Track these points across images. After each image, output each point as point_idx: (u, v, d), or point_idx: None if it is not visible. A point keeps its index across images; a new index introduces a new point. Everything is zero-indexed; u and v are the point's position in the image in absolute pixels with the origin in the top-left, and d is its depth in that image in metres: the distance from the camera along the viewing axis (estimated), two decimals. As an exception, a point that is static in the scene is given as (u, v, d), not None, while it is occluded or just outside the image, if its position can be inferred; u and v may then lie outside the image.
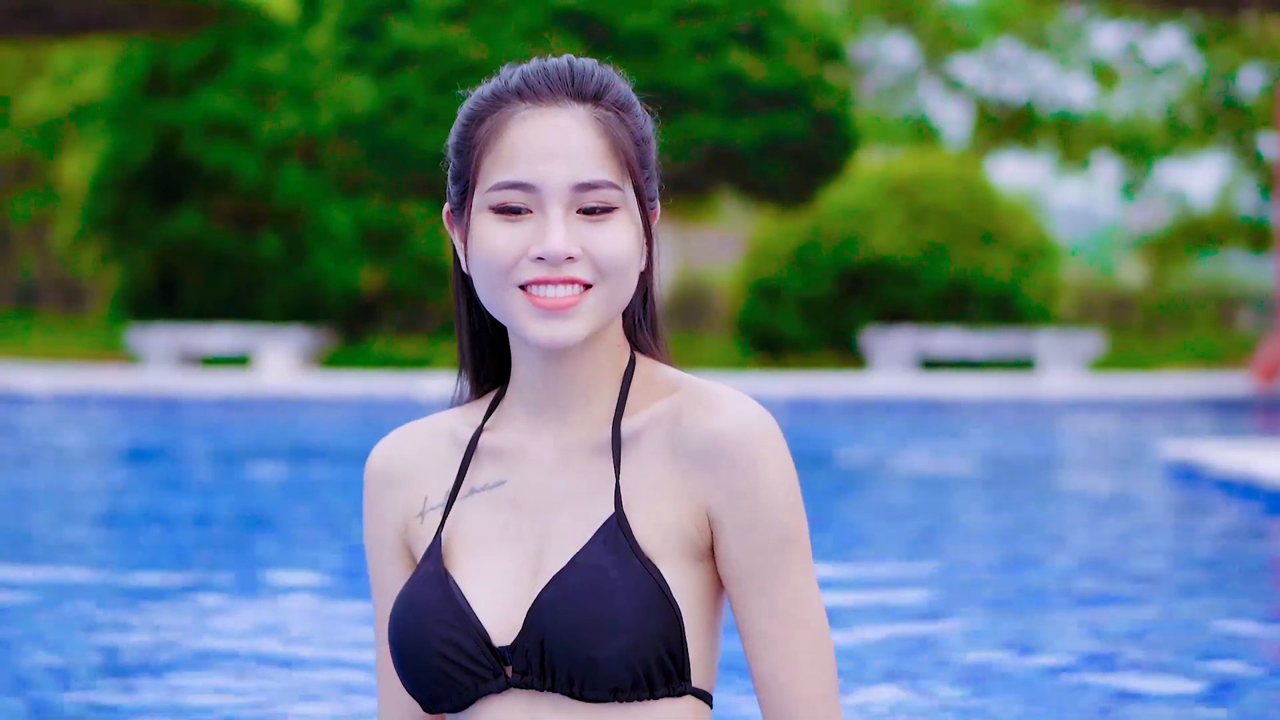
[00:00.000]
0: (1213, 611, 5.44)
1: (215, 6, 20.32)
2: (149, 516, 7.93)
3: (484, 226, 2.19)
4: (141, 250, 23.70)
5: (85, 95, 29.08)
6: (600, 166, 2.18)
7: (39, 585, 5.76)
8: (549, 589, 2.17)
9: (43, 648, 4.61)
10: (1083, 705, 3.98)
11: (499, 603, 2.21)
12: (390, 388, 15.83)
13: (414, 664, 2.22)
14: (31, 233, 35.13)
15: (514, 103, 2.20)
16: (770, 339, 22.52)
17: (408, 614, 2.23)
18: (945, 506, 8.85)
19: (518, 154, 2.18)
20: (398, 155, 18.79)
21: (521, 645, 2.18)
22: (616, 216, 2.19)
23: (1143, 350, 23.96)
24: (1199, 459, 9.23)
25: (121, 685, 4.09)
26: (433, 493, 2.32)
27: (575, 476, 2.25)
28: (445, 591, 2.22)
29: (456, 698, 2.22)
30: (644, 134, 2.26)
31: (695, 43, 18.30)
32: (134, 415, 14.78)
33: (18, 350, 21.96)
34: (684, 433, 2.22)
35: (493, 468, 2.29)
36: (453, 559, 2.25)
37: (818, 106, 18.91)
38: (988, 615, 5.35)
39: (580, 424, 2.27)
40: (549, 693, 2.19)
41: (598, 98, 2.22)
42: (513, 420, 2.31)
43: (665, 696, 2.19)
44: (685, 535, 2.21)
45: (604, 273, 2.18)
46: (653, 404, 2.27)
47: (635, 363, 2.31)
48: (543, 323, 2.17)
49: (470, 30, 18.38)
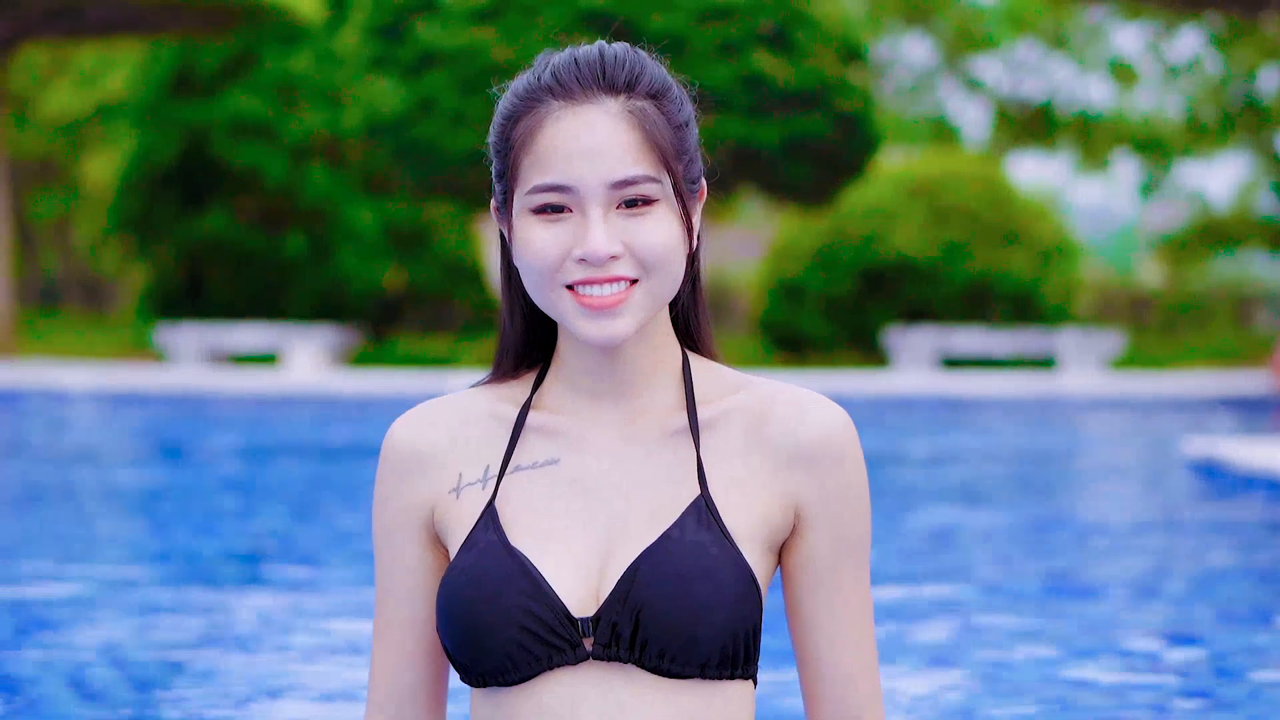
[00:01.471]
0: (1247, 602, 5.54)
1: (243, 8, 20.48)
2: (195, 512, 8.09)
3: (526, 229, 2.20)
4: (168, 249, 23.84)
5: (109, 95, 29.24)
6: (636, 161, 2.17)
7: (93, 579, 5.89)
8: (644, 561, 2.18)
9: (93, 640, 4.71)
10: (1109, 696, 4.00)
11: (572, 575, 2.20)
12: (421, 385, 15.97)
13: (484, 635, 2.19)
14: (54, 232, 35.29)
15: (547, 101, 2.20)
16: (792, 338, 22.63)
17: (477, 585, 2.20)
18: (973, 500, 8.95)
19: (553, 155, 2.17)
20: (425, 156, 18.94)
21: (609, 617, 2.18)
22: (656, 209, 2.19)
23: (1161, 350, 24.04)
24: (1220, 455, 9.36)
25: (158, 680, 4.13)
26: (469, 469, 2.29)
27: (648, 459, 2.26)
28: (518, 563, 2.20)
29: (526, 669, 2.20)
30: (680, 119, 2.24)
31: (720, 44, 18.44)
32: (170, 412, 14.91)
33: (46, 348, 22.12)
34: (777, 431, 2.26)
35: (543, 446, 2.29)
36: (509, 533, 2.23)
37: (840, 107, 19.04)
38: (1014, 609, 5.38)
39: (645, 410, 2.29)
40: (625, 666, 2.19)
41: (630, 87, 2.20)
42: (563, 401, 2.30)
43: (737, 678, 2.22)
44: (770, 526, 2.24)
45: (648, 267, 2.18)
46: (725, 397, 2.30)
47: (687, 355, 2.33)
48: (592, 322, 2.19)
49: (497, 31, 18.52)
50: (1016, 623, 5.12)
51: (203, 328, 20.05)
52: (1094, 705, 3.90)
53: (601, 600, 2.19)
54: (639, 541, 2.20)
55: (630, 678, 2.19)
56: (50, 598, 5.44)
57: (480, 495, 2.27)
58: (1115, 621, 5.18)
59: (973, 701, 3.92)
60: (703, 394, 2.30)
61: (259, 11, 20.56)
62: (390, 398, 15.63)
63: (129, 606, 5.26)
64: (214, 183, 23.41)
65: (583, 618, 2.19)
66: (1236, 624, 5.18)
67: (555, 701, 2.19)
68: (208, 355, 19.48)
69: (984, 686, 4.10)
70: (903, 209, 22.00)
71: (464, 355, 20.35)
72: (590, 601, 2.20)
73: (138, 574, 6.08)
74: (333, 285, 23.35)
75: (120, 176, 24.37)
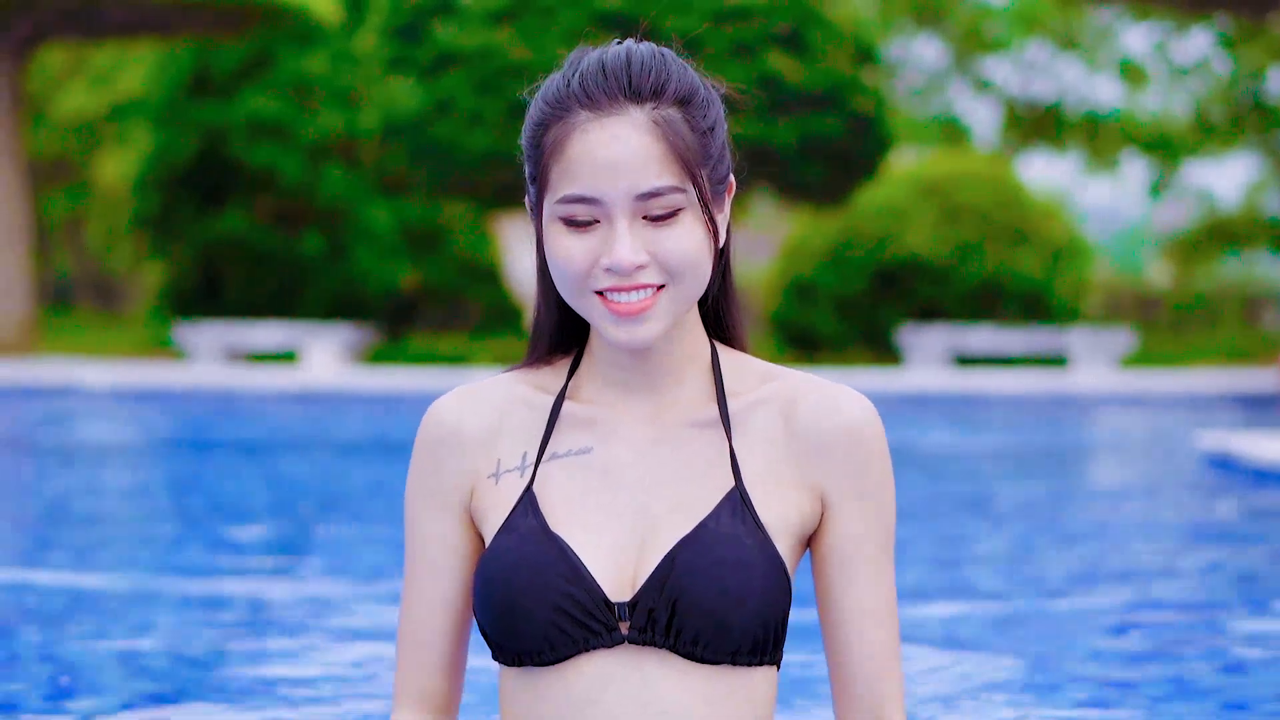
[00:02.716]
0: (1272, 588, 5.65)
1: (261, 9, 20.61)
2: (226, 507, 8.21)
3: (556, 237, 2.24)
4: (185, 249, 23.96)
5: (122, 95, 29.34)
6: (661, 173, 2.20)
7: (131, 569, 6.03)
8: (682, 550, 2.23)
9: (131, 633, 4.79)
10: (1135, 687, 4.04)
11: (607, 561, 2.26)
12: (439, 382, 16.05)
13: (522, 616, 2.24)
14: (66, 231, 35.37)
15: (575, 110, 2.22)
16: (805, 336, 22.74)
17: (517, 567, 2.25)
18: (990, 496, 9.06)
19: (580, 167, 2.21)
20: (442, 156, 19.08)
21: (645, 602, 2.23)
22: (682, 217, 2.22)
23: (1169, 349, 24.14)
24: (1233, 449, 9.50)
25: (194, 675, 4.19)
26: (508, 455, 2.34)
27: (680, 450, 2.31)
28: (558, 548, 2.25)
29: (562, 651, 2.25)
30: (707, 124, 2.26)
31: (734, 45, 18.59)
32: (193, 409, 15.00)
33: (65, 346, 22.23)
34: (807, 421, 2.31)
35: (576, 435, 2.34)
36: (548, 519, 2.29)
37: (854, 108, 19.20)
38: (1034, 602, 5.42)
39: (676, 402, 2.34)
40: (658, 650, 2.24)
41: (657, 95, 2.23)
42: (597, 391, 2.36)
43: (765, 664, 2.28)
44: (800, 515, 2.29)
45: (674, 274, 2.22)
46: (756, 388, 2.35)
47: (716, 348, 2.38)
48: (620, 327, 2.24)
49: (515, 32, 18.66)
50: (1036, 615, 5.14)
51: (221, 326, 20.14)
52: (1109, 696, 3.93)
53: (637, 586, 2.25)
54: (673, 531, 2.26)
55: (662, 662, 2.24)
56: (86, 588, 5.53)
57: (518, 481, 2.32)
58: (1138, 608, 5.24)
59: (990, 694, 3.93)
60: (732, 386, 2.36)
61: (277, 12, 20.69)
62: (410, 394, 15.71)
63: (165, 597, 5.35)
64: (231, 182, 23.51)
65: (619, 602, 2.24)
66: (1262, 610, 5.26)
67: (588, 682, 2.25)
68: (226, 354, 19.58)
69: (996, 680, 4.11)
70: (915, 209, 22.11)
71: (478, 354, 20.44)
72: (624, 587, 2.25)
73: (173, 564, 6.17)
74: (348, 284, 23.45)
75: (137, 176, 24.47)
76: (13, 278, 20.99)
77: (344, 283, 23.44)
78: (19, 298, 20.99)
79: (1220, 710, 3.74)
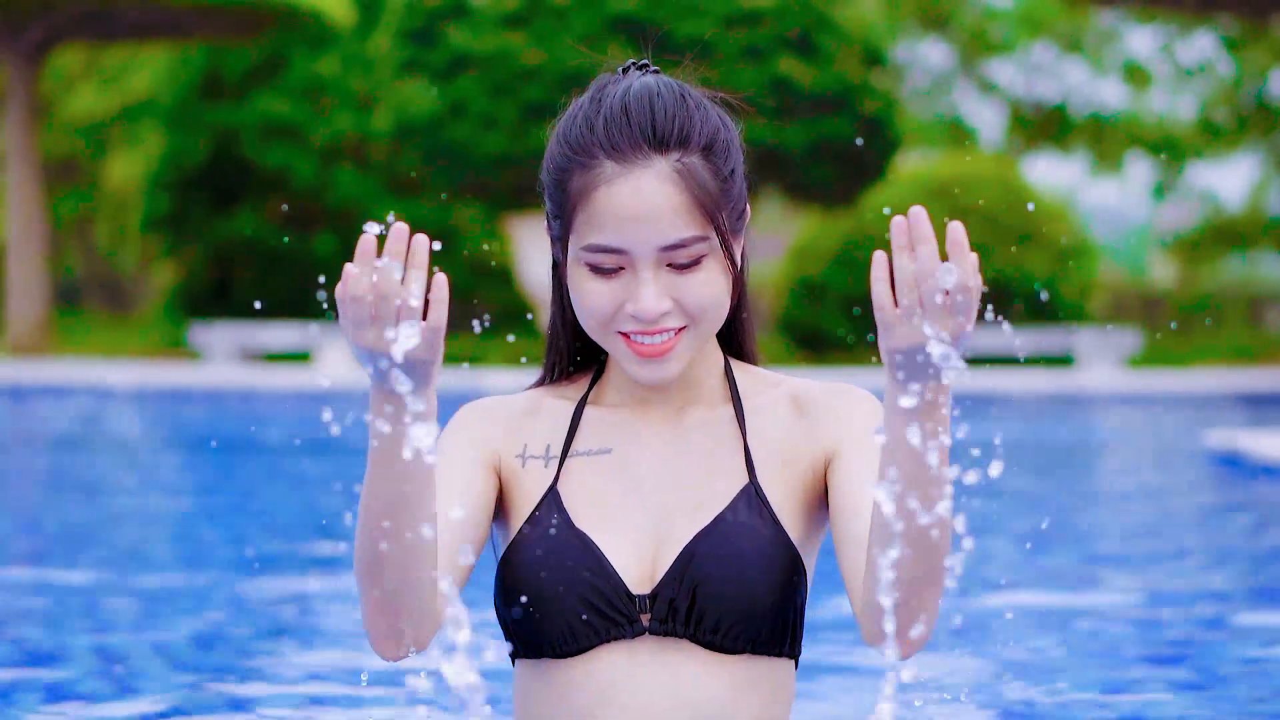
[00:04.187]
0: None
1: (275, 12, 20.74)
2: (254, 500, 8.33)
3: (581, 281, 2.29)
4: (198, 249, 24.07)
5: (131, 96, 29.43)
6: (686, 224, 2.24)
7: (170, 565, 6.18)
8: (700, 542, 2.29)
9: (176, 620, 4.89)
10: (1143, 683, 4.05)
11: (628, 556, 2.32)
12: (455, 381, 16.15)
13: (547, 608, 2.29)
14: (75, 232, 35.39)
15: (599, 159, 2.26)
16: (814, 336, 22.88)
17: (543, 560, 2.30)
18: (1003, 490, 9.18)
19: (606, 218, 2.24)
20: (456, 158, 19.24)
21: (666, 594, 2.29)
22: (705, 264, 2.27)
23: (1175, 348, 24.26)
24: (1241, 447, 9.59)
25: (219, 660, 4.27)
26: (533, 443, 2.41)
27: (696, 449, 2.38)
28: (582, 543, 2.31)
29: (584, 642, 2.30)
30: (728, 168, 2.30)
31: (746, 49, 18.77)
32: (214, 408, 15.15)
33: (79, 347, 22.36)
34: (811, 409, 2.39)
35: (596, 436, 2.40)
36: (571, 515, 2.35)
37: (863, 110, 19.39)
38: (1042, 598, 5.46)
39: (692, 406, 2.42)
40: (679, 640, 2.29)
41: (682, 145, 2.26)
42: (617, 397, 2.43)
43: (783, 655, 2.34)
44: (814, 493, 2.37)
45: (695, 318, 2.28)
46: (766, 391, 2.44)
47: (728, 360, 2.46)
48: (644, 367, 2.30)
49: (527, 36, 18.83)
50: (1044, 612, 5.15)
51: (236, 326, 20.21)
52: (1117, 691, 3.94)
53: (657, 579, 2.30)
54: (691, 525, 2.32)
55: (683, 652, 2.29)
56: (127, 585, 5.62)
57: (543, 473, 2.39)
58: (1152, 603, 5.30)
59: (994, 690, 3.92)
60: (746, 389, 2.44)
61: (291, 15, 20.81)
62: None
63: (207, 590, 5.45)
64: (243, 184, 23.63)
65: (640, 594, 2.30)
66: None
67: (610, 673, 2.29)
68: (240, 354, 19.66)
69: (1001, 676, 4.10)
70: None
71: (490, 354, 20.52)
72: (645, 580, 2.31)
73: (210, 559, 6.29)
74: (360, 285, 23.52)
75: (150, 178, 24.57)
76: (30, 280, 21.15)
77: (356, 284, 23.49)
78: (35, 299, 21.14)
79: (1230, 705, 3.74)
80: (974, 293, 2.00)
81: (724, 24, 18.71)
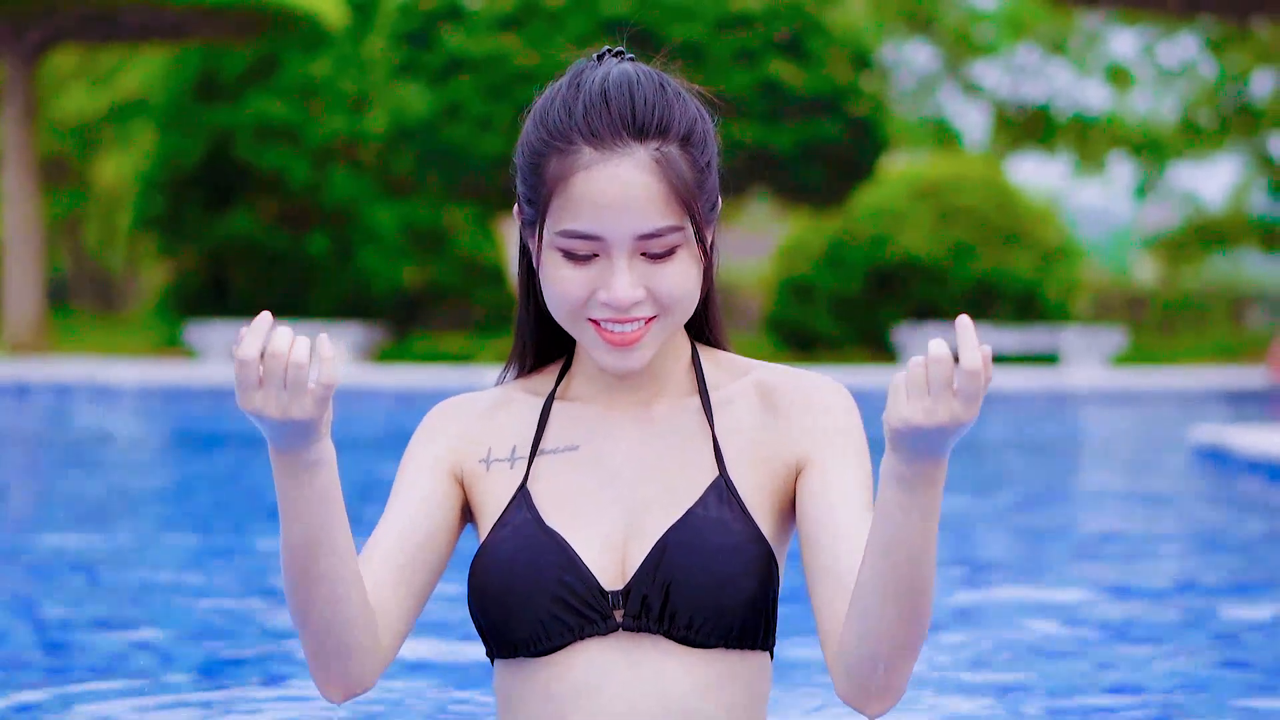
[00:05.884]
0: (1265, 572, 5.87)
1: (273, 14, 20.87)
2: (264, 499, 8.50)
3: (554, 266, 2.26)
4: (192, 249, 24.15)
5: (122, 96, 29.50)
6: (662, 213, 2.21)
7: (199, 559, 6.26)
8: (671, 537, 2.27)
9: (201, 610, 4.97)
10: (1129, 679, 4.04)
11: (599, 552, 2.30)
12: (450, 379, 16.15)
13: (518, 606, 2.28)
14: (64, 231, 35.40)
15: (578, 144, 2.22)
16: (802, 335, 23.04)
17: (514, 559, 2.29)
18: (994, 487, 9.24)
19: (583, 205, 2.21)
20: (452, 159, 19.40)
21: (639, 589, 2.27)
22: (679, 254, 2.25)
23: (1158, 347, 24.46)
24: (1226, 443, 9.73)
25: (231, 660, 4.24)
26: (498, 446, 2.38)
27: (665, 444, 2.35)
28: (553, 540, 2.29)
29: (558, 639, 2.28)
30: (705, 160, 2.27)
31: (737, 52, 18.97)
32: (215, 406, 15.19)
33: (73, 346, 22.43)
34: (781, 402, 2.36)
35: (565, 432, 2.38)
36: (542, 513, 2.33)
37: (852, 112, 19.60)
38: (1029, 594, 5.50)
39: (659, 398, 2.39)
40: (653, 636, 2.28)
41: (661, 134, 2.23)
42: (585, 390, 2.40)
43: (757, 649, 2.32)
44: (785, 492, 2.34)
45: (667, 308, 2.26)
46: (734, 380, 2.40)
47: (696, 348, 2.42)
48: (612, 355, 2.27)
49: (522, 38, 19.00)
50: (1030, 608, 5.15)
51: (233, 326, 20.26)
52: (1103, 688, 3.94)
53: (628, 575, 2.28)
54: (662, 520, 2.29)
55: (657, 647, 2.27)
56: (139, 579, 5.69)
57: (509, 475, 2.36)
58: (1138, 597, 5.37)
59: (982, 685, 3.92)
60: (713, 380, 2.40)
61: (287, 18, 20.94)
62: (424, 391, 15.82)
63: (207, 588, 5.51)
64: (238, 184, 23.69)
65: (613, 590, 2.27)
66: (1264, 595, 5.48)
67: (584, 671, 2.28)
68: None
69: (988, 672, 4.09)
70: (910, 210, 22.40)
71: (482, 352, 20.59)
72: (617, 576, 2.29)
73: (210, 559, 6.31)
74: (354, 285, 23.64)
75: (143, 178, 24.61)
76: (27, 279, 21.28)
77: (350, 284, 23.59)
78: (32, 299, 21.27)
79: (1216, 700, 3.76)
80: (982, 381, 2.01)
81: (715, 27, 18.91)
